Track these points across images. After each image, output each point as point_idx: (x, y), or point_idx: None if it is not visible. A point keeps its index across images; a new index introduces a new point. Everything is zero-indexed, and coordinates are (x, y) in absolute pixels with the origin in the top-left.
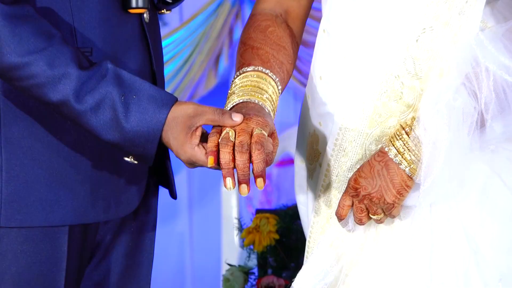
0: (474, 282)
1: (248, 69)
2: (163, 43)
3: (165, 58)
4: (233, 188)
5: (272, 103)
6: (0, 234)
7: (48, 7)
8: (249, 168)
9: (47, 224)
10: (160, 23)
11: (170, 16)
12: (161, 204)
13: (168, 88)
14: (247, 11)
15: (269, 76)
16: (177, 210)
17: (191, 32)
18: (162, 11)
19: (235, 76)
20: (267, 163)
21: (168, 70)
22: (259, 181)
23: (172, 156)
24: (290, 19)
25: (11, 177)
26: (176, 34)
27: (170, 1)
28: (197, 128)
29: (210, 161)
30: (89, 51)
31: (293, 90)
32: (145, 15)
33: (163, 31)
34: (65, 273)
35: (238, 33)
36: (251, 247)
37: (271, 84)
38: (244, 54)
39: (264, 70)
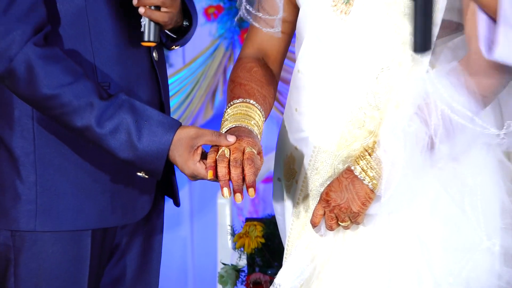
0: (425, 278)
1: (238, 101)
2: (169, 81)
3: (170, 93)
4: (229, 196)
5: (259, 127)
6: (36, 237)
7: (73, 49)
8: (242, 180)
9: (74, 229)
10: (167, 65)
11: (175, 58)
12: (167, 213)
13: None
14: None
15: (255, 106)
16: (180, 218)
17: (192, 72)
18: (172, 47)
19: (227, 107)
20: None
21: (173, 103)
22: (251, 190)
23: (177, 171)
24: (270, 62)
25: (44, 190)
26: (179, 74)
27: (175, 36)
28: (198, 147)
29: (210, 174)
30: (107, 85)
31: (276, 120)
32: (154, 54)
33: (169, 71)
34: (89, 269)
35: None
36: (242, 249)
37: (257, 113)
38: (234, 89)
39: (251, 101)
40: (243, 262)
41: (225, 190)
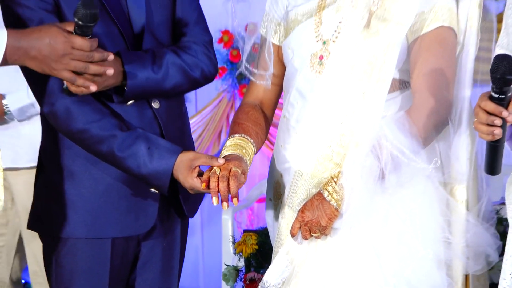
0: (377, 277)
1: (235, 136)
2: None
3: None
4: (217, 203)
5: (249, 155)
6: (69, 242)
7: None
8: (228, 192)
9: (96, 237)
10: None
11: (189, 107)
12: None
13: None
14: (237, 104)
15: (248, 140)
16: (193, 230)
17: (202, 117)
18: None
19: (227, 140)
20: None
21: None
22: (235, 200)
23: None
24: (264, 107)
25: (72, 203)
26: (193, 119)
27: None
28: (196, 167)
29: (203, 185)
30: None
31: (267, 155)
32: (153, 104)
33: None
34: (111, 270)
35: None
36: (241, 253)
37: (248, 145)
38: (234, 127)
39: (244, 136)
40: (241, 264)
41: (214, 199)
